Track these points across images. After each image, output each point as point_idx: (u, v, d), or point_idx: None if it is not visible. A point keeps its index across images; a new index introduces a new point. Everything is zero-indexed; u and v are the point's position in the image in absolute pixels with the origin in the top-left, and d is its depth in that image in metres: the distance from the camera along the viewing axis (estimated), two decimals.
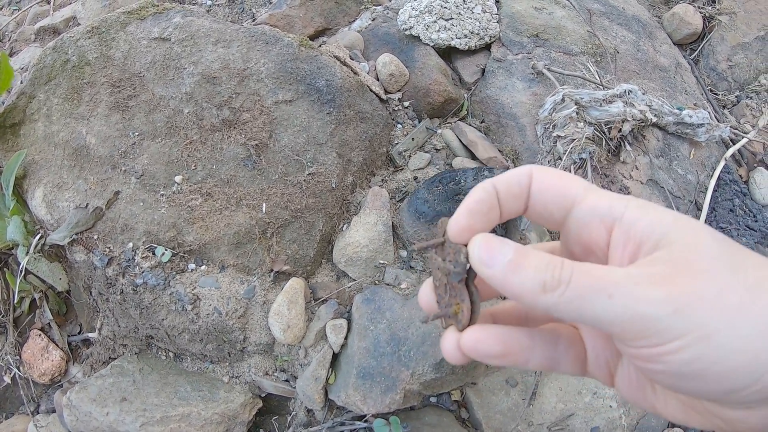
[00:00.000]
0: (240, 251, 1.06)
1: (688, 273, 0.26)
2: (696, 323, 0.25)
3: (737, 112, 1.47)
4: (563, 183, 0.33)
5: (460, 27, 1.25)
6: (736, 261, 0.27)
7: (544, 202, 0.33)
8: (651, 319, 0.26)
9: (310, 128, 1.09)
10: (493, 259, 0.30)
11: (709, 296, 0.26)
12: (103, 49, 1.20)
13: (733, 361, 0.25)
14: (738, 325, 0.25)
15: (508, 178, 0.33)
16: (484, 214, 0.33)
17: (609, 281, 0.27)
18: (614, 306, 0.26)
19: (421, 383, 0.91)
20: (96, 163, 1.14)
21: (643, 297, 0.26)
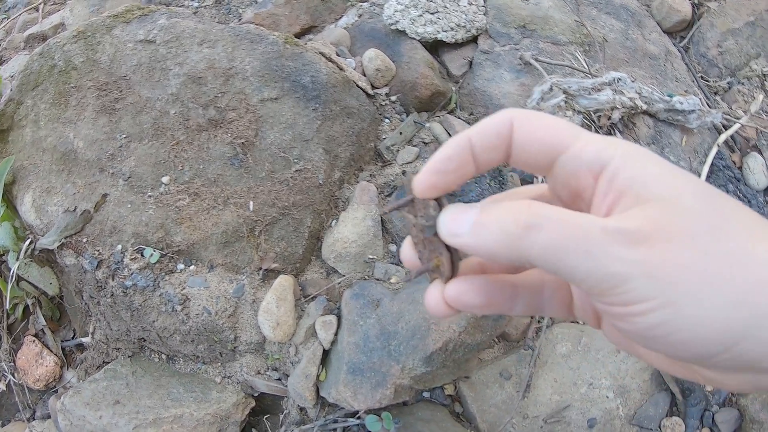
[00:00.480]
0: (228, 250, 1.05)
1: (667, 234, 0.25)
2: (665, 289, 0.25)
3: (729, 98, 1.46)
4: (548, 131, 0.30)
5: (446, 20, 1.25)
6: (721, 223, 0.26)
7: (528, 152, 0.31)
8: (622, 279, 0.25)
9: (296, 125, 1.09)
10: (459, 227, 0.29)
11: (683, 263, 0.25)
12: (89, 53, 1.21)
13: (699, 331, 0.25)
14: (709, 296, 0.24)
15: (486, 129, 0.31)
16: (451, 172, 0.31)
17: (585, 236, 0.26)
18: (589, 262, 0.25)
19: (411, 377, 0.90)
20: (84, 167, 1.14)
21: (618, 256, 0.25)
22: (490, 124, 0.31)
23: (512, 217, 0.27)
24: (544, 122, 0.31)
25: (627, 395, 1.10)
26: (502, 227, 0.27)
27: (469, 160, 0.31)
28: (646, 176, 0.27)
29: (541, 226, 0.26)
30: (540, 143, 0.30)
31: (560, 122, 0.31)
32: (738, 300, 0.24)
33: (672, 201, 0.26)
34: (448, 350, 0.91)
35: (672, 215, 0.26)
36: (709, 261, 0.25)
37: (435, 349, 0.89)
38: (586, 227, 0.26)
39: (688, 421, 1.14)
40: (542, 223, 0.26)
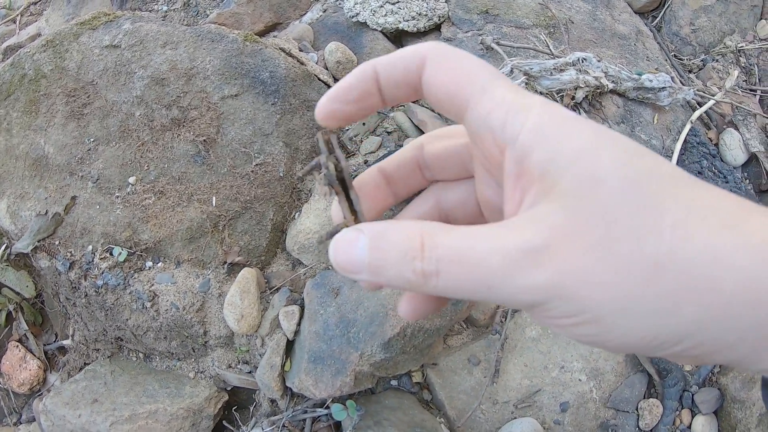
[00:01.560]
0: (194, 246, 1.07)
1: (576, 245, 0.22)
2: (584, 308, 0.22)
3: (704, 75, 1.43)
4: (456, 78, 0.26)
5: (407, 10, 1.25)
6: (652, 213, 0.21)
7: (435, 99, 0.27)
8: (536, 304, 0.23)
9: (255, 120, 1.10)
10: (354, 265, 0.25)
11: (596, 280, 0.22)
12: (57, 60, 1.23)
13: (632, 339, 0.23)
14: (632, 309, 0.22)
15: (394, 63, 0.28)
16: (353, 102, 0.29)
17: (485, 272, 0.23)
18: (496, 296, 0.23)
19: (371, 364, 0.90)
20: (55, 171, 1.16)
21: (524, 285, 0.22)
22: (400, 57, 0.28)
23: (407, 264, 0.24)
24: (456, 65, 0.26)
25: (601, 378, 1.09)
26: (401, 274, 0.24)
27: (372, 92, 0.29)
28: (558, 159, 0.23)
29: (438, 272, 0.24)
30: (447, 91, 0.27)
31: (476, 67, 0.26)
32: (664, 309, 0.21)
33: (586, 193, 0.22)
34: (406, 336, 0.90)
35: (586, 219, 0.22)
36: (633, 270, 0.21)
37: (393, 335, 0.89)
38: (485, 262, 0.23)
39: (667, 403, 1.12)
40: (438, 268, 0.24)
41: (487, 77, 0.26)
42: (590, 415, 1.07)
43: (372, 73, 0.28)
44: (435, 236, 0.24)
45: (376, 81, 0.28)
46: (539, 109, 0.24)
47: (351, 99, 0.29)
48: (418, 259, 0.24)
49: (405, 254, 0.24)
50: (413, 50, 0.27)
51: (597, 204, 0.22)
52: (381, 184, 0.33)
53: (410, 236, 0.24)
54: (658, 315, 0.21)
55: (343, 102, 0.29)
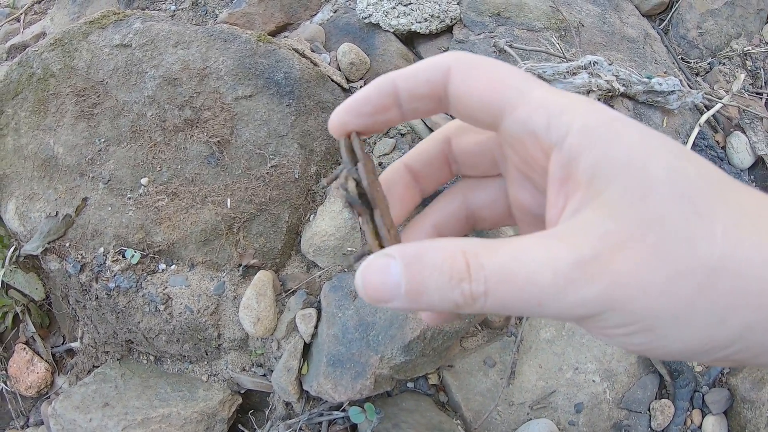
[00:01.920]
0: (208, 248, 1.06)
1: (630, 254, 0.21)
2: (636, 319, 0.22)
3: (710, 78, 1.45)
4: (491, 85, 0.25)
5: (419, 11, 1.25)
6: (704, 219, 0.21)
7: (467, 108, 0.26)
8: (587, 317, 0.23)
9: (270, 121, 1.09)
10: (388, 296, 0.24)
11: (651, 288, 0.21)
12: (66, 60, 1.22)
13: (683, 347, 0.22)
14: (687, 317, 0.21)
15: (415, 75, 0.27)
16: (367, 115, 0.28)
17: (535, 290, 0.22)
18: (545, 312, 0.23)
19: (391, 367, 0.90)
20: (64, 172, 1.15)
21: (575, 301, 0.22)
22: (421, 69, 0.27)
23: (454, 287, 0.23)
24: (487, 72, 0.26)
25: (614, 379, 1.10)
26: (446, 298, 0.23)
27: (390, 106, 0.28)
28: (608, 164, 0.22)
29: (486, 293, 0.23)
30: (480, 99, 0.26)
31: (508, 73, 0.26)
32: (716, 316, 0.21)
33: (637, 201, 0.22)
34: (426, 338, 0.90)
35: (639, 227, 0.21)
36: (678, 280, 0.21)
37: (413, 337, 0.89)
38: (536, 279, 0.22)
39: (678, 403, 1.13)
40: (487, 289, 0.22)
41: (522, 80, 0.25)
42: (604, 415, 1.08)
43: (390, 87, 0.27)
44: (479, 256, 0.23)
45: (394, 95, 0.27)
46: (585, 109, 0.23)
47: (366, 112, 0.28)
48: (465, 281, 0.23)
49: (450, 277, 0.23)
50: (435, 61, 0.26)
51: (648, 212, 0.21)
52: (409, 182, 0.32)
53: (452, 257, 0.23)
54: (710, 322, 0.21)
55: (357, 114, 0.28)
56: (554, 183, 0.24)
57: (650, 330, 0.22)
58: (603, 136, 0.23)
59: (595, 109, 0.24)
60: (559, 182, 0.24)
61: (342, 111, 0.28)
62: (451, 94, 0.26)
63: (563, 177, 0.24)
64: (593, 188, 0.22)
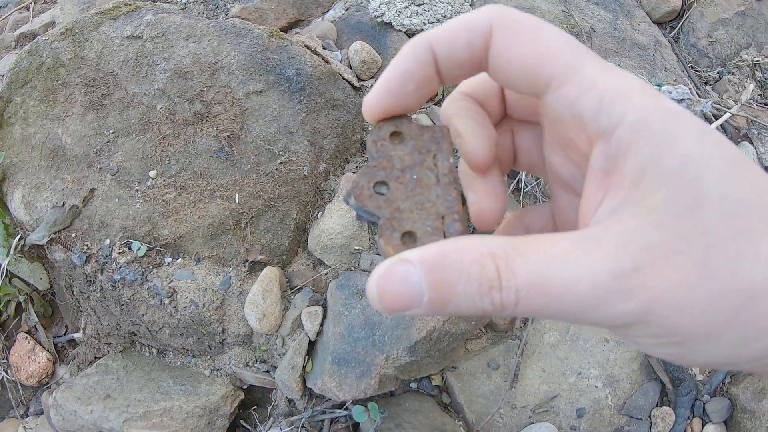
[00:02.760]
0: (215, 242, 1.06)
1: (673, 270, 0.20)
2: (670, 331, 0.21)
3: (720, 87, 1.45)
4: (537, 51, 0.22)
5: (432, 12, 1.25)
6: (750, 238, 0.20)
7: (508, 76, 0.24)
8: (623, 328, 0.22)
9: (281, 117, 1.09)
10: (408, 304, 0.22)
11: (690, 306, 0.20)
12: (76, 49, 1.21)
13: (710, 362, 0.22)
14: (719, 337, 0.21)
15: (454, 36, 0.24)
16: (412, 93, 0.25)
17: (571, 301, 0.21)
18: (579, 321, 0.22)
19: (396, 367, 0.90)
20: (72, 163, 1.14)
21: (612, 313, 0.21)
22: (461, 28, 0.24)
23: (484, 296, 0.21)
24: (533, 36, 0.23)
25: (616, 385, 1.10)
26: (474, 306, 0.22)
27: (431, 76, 0.25)
28: (660, 166, 0.20)
29: (518, 303, 0.21)
30: (524, 69, 0.23)
31: (555, 39, 0.23)
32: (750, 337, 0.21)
33: (684, 213, 0.20)
34: (432, 339, 0.91)
35: (684, 241, 0.20)
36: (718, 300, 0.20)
37: (419, 338, 0.89)
38: (572, 291, 0.21)
39: (679, 411, 1.13)
40: (518, 298, 0.21)
41: (573, 52, 0.22)
42: (605, 421, 1.08)
43: (429, 54, 0.24)
44: (510, 260, 0.21)
45: (433, 63, 0.24)
46: (640, 98, 0.21)
47: (410, 89, 0.25)
48: (496, 289, 0.21)
49: (479, 284, 0.21)
50: (475, 17, 0.23)
51: (695, 226, 0.20)
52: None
53: (480, 261, 0.21)
54: (742, 342, 0.21)
55: (400, 95, 0.25)
56: (595, 174, 0.23)
57: (681, 344, 0.22)
58: (657, 135, 0.21)
59: (652, 97, 0.21)
60: (600, 174, 0.22)
61: (383, 93, 0.25)
62: (492, 57, 0.24)
63: (606, 170, 0.22)
64: (638, 191, 0.21)
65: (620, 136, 0.21)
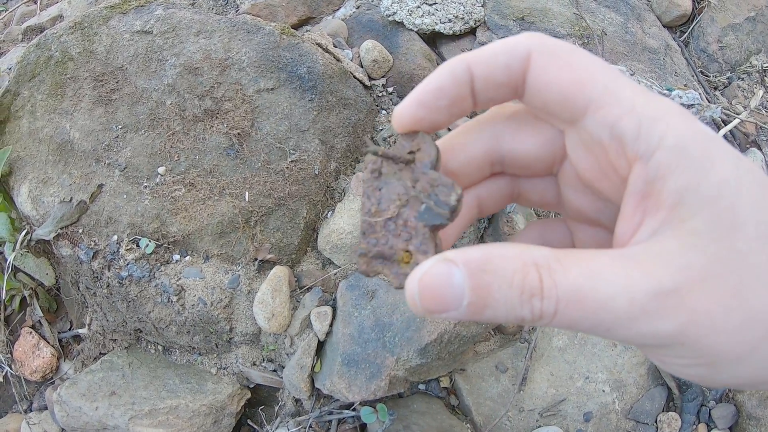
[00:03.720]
0: (224, 241, 1.05)
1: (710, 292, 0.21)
2: (702, 354, 0.22)
3: (729, 93, 1.45)
4: (576, 76, 0.23)
5: (444, 11, 1.24)
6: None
7: (546, 101, 0.24)
8: (655, 347, 0.22)
9: (292, 116, 1.09)
10: (447, 307, 0.22)
11: (725, 329, 0.21)
12: (85, 43, 1.20)
13: (734, 382, 0.23)
14: (749, 359, 0.21)
15: (493, 61, 0.24)
16: (444, 108, 0.25)
17: (608, 315, 0.21)
18: (613, 337, 0.22)
19: (406, 369, 0.90)
20: (80, 158, 1.13)
21: (646, 332, 0.21)
22: (499, 53, 0.24)
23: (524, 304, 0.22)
24: (571, 62, 0.23)
25: (623, 389, 1.10)
26: (513, 313, 0.22)
27: (466, 96, 0.25)
28: (698, 191, 0.21)
29: (556, 313, 0.21)
30: (562, 93, 0.23)
31: (593, 65, 0.23)
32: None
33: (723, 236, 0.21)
34: (443, 342, 0.90)
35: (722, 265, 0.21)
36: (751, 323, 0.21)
37: (430, 340, 0.89)
38: (610, 306, 0.21)
39: (685, 417, 1.13)
40: (557, 309, 0.21)
41: (609, 76, 0.23)
42: (612, 426, 1.08)
43: (466, 74, 0.25)
44: (553, 271, 0.22)
45: (469, 83, 0.25)
46: (678, 122, 0.22)
47: (442, 105, 0.25)
48: (537, 297, 0.21)
49: (521, 292, 0.21)
50: (514, 43, 0.24)
51: (733, 250, 0.21)
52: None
53: (524, 269, 0.21)
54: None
55: (432, 108, 0.25)
56: (633, 197, 0.23)
57: (710, 365, 0.22)
58: (696, 161, 0.21)
59: (689, 121, 0.22)
60: (639, 197, 0.23)
61: (414, 104, 0.25)
62: (529, 81, 0.24)
63: (645, 193, 0.22)
64: (677, 214, 0.21)
65: (659, 160, 0.22)
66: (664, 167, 0.22)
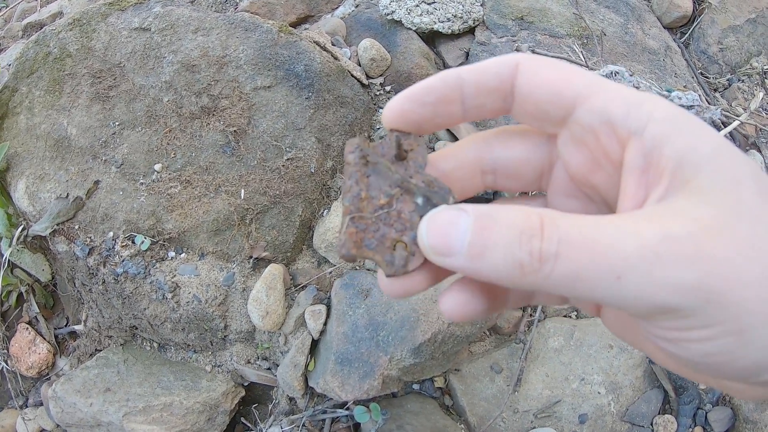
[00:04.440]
0: (219, 238, 1.05)
1: (727, 240, 0.20)
2: (729, 315, 0.20)
3: (729, 95, 1.44)
4: (563, 76, 0.25)
5: (442, 11, 1.24)
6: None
7: (536, 101, 0.25)
8: (674, 308, 0.20)
9: (288, 113, 1.08)
10: (450, 247, 0.23)
11: (750, 280, 0.19)
12: (84, 40, 1.20)
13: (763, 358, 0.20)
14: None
15: (482, 68, 0.26)
16: (429, 105, 0.26)
17: (616, 257, 0.20)
18: (624, 290, 0.20)
19: (399, 369, 0.90)
20: (77, 154, 1.14)
21: (665, 282, 0.19)
22: (488, 63, 0.26)
23: (522, 244, 0.21)
24: (557, 67, 0.25)
25: (619, 391, 1.09)
26: (511, 256, 0.21)
27: (454, 99, 0.26)
28: (697, 151, 0.21)
29: (558, 255, 0.20)
30: (551, 90, 0.25)
31: (577, 70, 0.25)
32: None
33: (729, 190, 0.21)
34: (437, 342, 0.90)
35: (733, 215, 0.20)
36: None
37: (424, 340, 0.89)
38: (618, 246, 0.20)
39: (681, 420, 1.12)
40: (559, 250, 0.20)
41: (593, 75, 0.25)
42: (607, 428, 1.07)
43: (455, 79, 0.26)
44: (556, 218, 0.21)
45: (459, 88, 0.26)
46: (662, 103, 0.23)
47: (428, 101, 0.26)
48: (537, 237, 0.21)
49: (520, 233, 0.21)
50: (503, 57, 0.26)
51: (740, 202, 0.21)
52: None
53: (526, 215, 0.22)
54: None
55: (419, 103, 0.27)
56: (633, 173, 0.23)
57: (739, 333, 0.20)
58: (687, 126, 0.22)
59: (672, 105, 0.23)
60: (639, 172, 0.23)
61: (402, 97, 0.27)
62: (518, 87, 0.25)
63: (644, 166, 0.23)
64: (680, 176, 0.21)
65: (653, 132, 0.22)
66: (658, 137, 0.22)
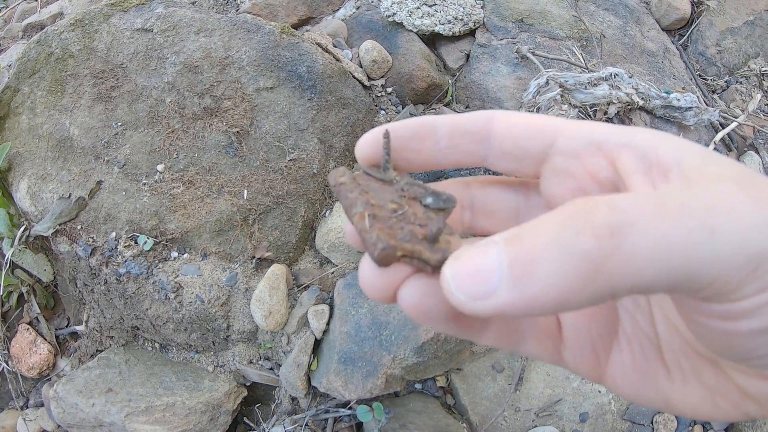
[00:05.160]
0: (222, 238, 1.05)
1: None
2: None
3: (727, 96, 1.45)
4: (538, 117, 0.26)
5: (443, 13, 1.25)
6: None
7: (515, 138, 0.26)
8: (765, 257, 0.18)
9: (291, 114, 1.09)
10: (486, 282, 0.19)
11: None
12: (86, 41, 1.21)
13: None
14: None
15: (458, 116, 0.27)
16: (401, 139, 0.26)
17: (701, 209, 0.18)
18: (720, 243, 0.17)
19: (402, 368, 0.90)
20: (79, 154, 1.14)
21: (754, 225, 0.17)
22: (463, 115, 0.27)
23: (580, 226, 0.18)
24: (529, 115, 0.27)
25: None
26: (568, 250, 0.17)
27: (427, 133, 0.27)
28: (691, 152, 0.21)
29: (633, 223, 0.17)
30: (529, 127, 0.26)
31: (548, 116, 0.27)
32: None
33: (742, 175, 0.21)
34: (439, 341, 0.90)
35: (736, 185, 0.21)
36: None
37: (426, 339, 0.89)
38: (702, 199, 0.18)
39: (681, 418, 1.13)
40: (633, 218, 0.17)
41: (562, 118, 0.26)
42: (608, 426, 1.08)
43: (430, 121, 0.27)
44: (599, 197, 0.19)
45: (432, 126, 0.27)
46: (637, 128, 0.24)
47: (401, 134, 0.27)
48: (598, 214, 0.18)
49: (570, 216, 0.18)
50: (477, 112, 0.27)
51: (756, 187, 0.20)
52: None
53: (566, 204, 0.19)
54: None
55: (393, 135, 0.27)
56: (636, 176, 0.23)
57: None
58: (671, 138, 0.23)
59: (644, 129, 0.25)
60: (642, 173, 0.23)
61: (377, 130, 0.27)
62: (496, 130, 0.26)
63: (646, 167, 0.23)
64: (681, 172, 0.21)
65: (641, 140, 0.23)
66: (650, 143, 0.23)
